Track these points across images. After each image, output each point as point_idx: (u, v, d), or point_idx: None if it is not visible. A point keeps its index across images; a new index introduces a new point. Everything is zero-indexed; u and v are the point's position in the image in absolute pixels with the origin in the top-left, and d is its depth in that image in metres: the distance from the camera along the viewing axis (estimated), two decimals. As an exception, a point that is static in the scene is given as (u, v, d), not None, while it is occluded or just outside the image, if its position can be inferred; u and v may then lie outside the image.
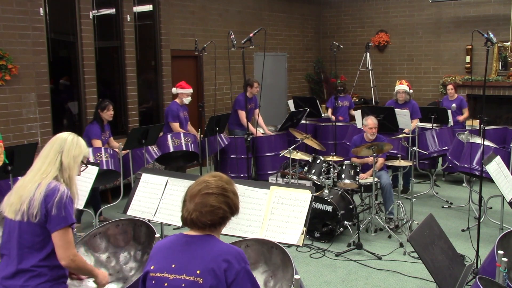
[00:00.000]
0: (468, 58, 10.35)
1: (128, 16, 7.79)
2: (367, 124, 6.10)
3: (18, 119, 6.52)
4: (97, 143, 5.84)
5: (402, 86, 7.43)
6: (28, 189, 2.42)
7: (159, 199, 3.77)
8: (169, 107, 6.95)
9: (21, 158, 4.62)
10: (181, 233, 2.12)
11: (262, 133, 7.90)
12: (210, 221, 2.03)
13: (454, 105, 7.99)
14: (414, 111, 7.41)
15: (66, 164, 2.50)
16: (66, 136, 2.56)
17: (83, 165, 2.64)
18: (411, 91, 7.61)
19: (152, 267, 2.05)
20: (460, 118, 8.06)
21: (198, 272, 1.96)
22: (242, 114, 7.52)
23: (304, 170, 6.16)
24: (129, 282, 3.07)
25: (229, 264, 1.97)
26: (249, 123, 6.38)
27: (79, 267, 2.50)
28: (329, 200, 5.52)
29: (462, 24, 10.39)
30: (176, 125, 6.78)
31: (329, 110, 8.67)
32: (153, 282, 2.03)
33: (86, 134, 5.90)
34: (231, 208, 2.09)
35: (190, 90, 6.87)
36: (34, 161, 2.57)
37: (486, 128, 5.76)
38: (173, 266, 2.01)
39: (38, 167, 2.49)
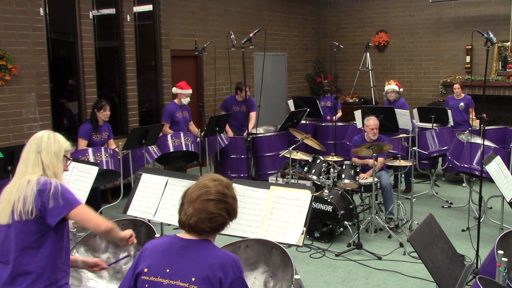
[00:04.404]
0: (468, 58, 10.34)
1: (128, 16, 7.78)
2: (368, 124, 6.10)
3: (18, 119, 6.52)
4: (82, 142, 5.78)
5: (390, 86, 7.57)
6: (17, 190, 2.40)
7: (159, 199, 3.77)
8: (166, 107, 6.97)
9: (21, 158, 4.62)
10: (176, 235, 2.09)
11: (262, 133, 7.90)
12: (209, 228, 2.02)
13: (462, 104, 8.06)
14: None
15: (47, 162, 2.48)
16: (42, 135, 2.54)
17: (68, 160, 2.61)
18: (401, 89, 7.69)
19: (145, 270, 2.03)
20: (473, 117, 8.13)
21: (193, 279, 1.95)
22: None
23: (304, 170, 6.16)
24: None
25: (225, 273, 1.95)
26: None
27: (114, 230, 2.57)
28: (329, 200, 5.52)
29: (462, 24, 10.39)
30: (165, 126, 6.72)
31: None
32: (146, 286, 2.01)
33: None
34: (230, 214, 2.08)
35: (189, 91, 6.86)
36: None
37: (486, 128, 5.77)
38: (168, 270, 1.99)
39: (22, 171, 2.47)
